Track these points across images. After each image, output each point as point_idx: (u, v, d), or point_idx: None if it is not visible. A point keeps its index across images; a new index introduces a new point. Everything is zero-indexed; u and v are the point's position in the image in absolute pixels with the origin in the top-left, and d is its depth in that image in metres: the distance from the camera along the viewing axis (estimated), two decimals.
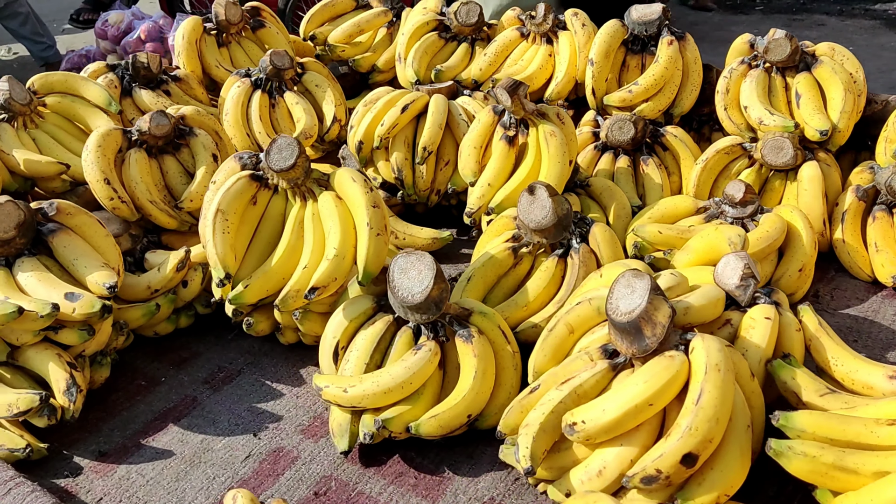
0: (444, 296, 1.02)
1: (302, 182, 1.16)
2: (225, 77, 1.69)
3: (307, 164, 1.15)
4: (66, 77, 1.44)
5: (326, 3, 1.89)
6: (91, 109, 1.44)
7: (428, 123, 1.43)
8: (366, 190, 1.11)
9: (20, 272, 1.09)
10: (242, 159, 1.19)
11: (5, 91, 1.35)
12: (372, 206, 1.10)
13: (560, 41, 1.60)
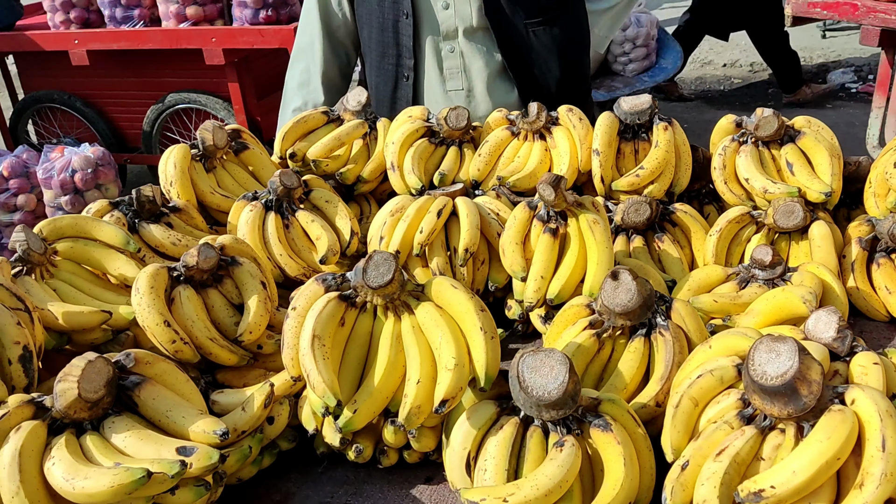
0: (578, 388, 1.04)
1: (397, 296, 1.14)
2: (220, 203, 1.65)
3: (402, 278, 1.14)
4: (76, 220, 1.35)
5: (298, 120, 1.88)
6: (106, 251, 1.35)
7: (466, 225, 1.46)
8: (470, 295, 1.12)
9: (114, 434, 0.99)
10: (326, 281, 1.16)
11: (22, 241, 1.24)
12: (480, 311, 1.11)
13: (555, 136, 1.69)
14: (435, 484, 1.15)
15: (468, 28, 1.91)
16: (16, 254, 1.24)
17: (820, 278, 1.33)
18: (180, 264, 1.25)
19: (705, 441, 1.00)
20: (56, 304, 1.18)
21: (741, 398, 1.02)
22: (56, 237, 1.32)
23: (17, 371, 1.06)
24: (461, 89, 1.96)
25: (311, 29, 2.09)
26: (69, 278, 1.30)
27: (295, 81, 2.15)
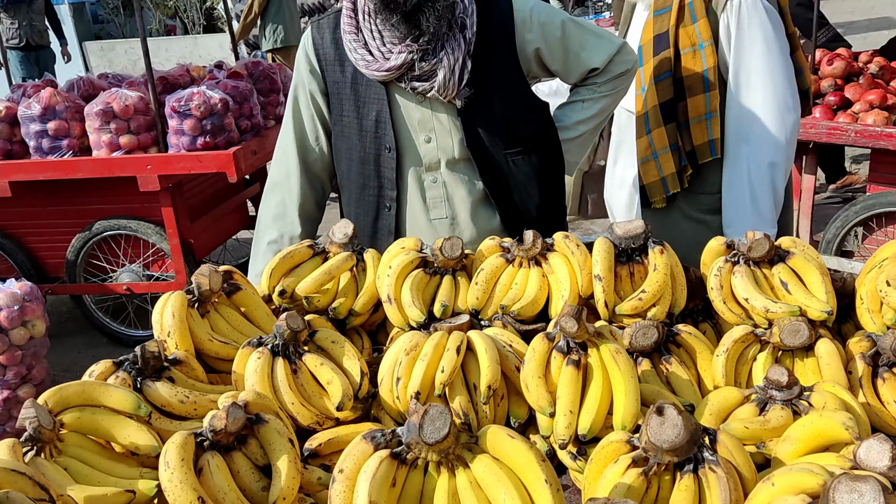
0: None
1: (452, 450, 1.10)
2: (220, 350, 1.57)
3: (457, 431, 1.10)
4: (83, 387, 1.25)
5: (285, 256, 1.84)
6: (115, 418, 1.25)
7: (486, 361, 1.43)
8: (529, 445, 1.09)
9: None
10: (375, 439, 1.11)
11: (33, 419, 1.13)
12: (542, 461, 1.07)
13: (551, 262, 1.72)
14: None
15: (450, 159, 1.95)
16: (26, 432, 1.13)
17: (840, 398, 1.37)
18: (207, 429, 1.17)
19: None
20: (76, 487, 1.07)
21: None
22: (62, 408, 1.21)
23: None
24: (445, 217, 1.98)
25: (287, 163, 2.09)
26: (77, 453, 1.19)
27: (270, 214, 2.12)
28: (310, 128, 2.07)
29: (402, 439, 1.11)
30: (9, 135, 4.47)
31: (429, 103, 1.92)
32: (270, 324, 1.71)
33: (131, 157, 4.27)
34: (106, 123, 4.24)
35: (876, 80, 4.05)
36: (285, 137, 2.09)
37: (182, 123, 4.19)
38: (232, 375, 1.48)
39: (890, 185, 3.94)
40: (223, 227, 5.26)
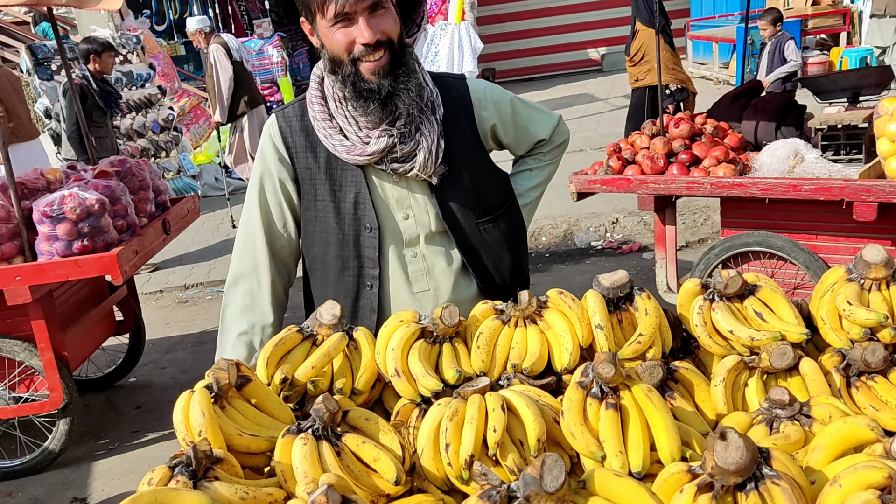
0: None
1: (564, 497, 1.14)
2: (249, 444, 1.51)
3: (567, 477, 1.14)
4: (155, 495, 1.16)
5: (277, 344, 1.80)
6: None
7: (531, 415, 1.48)
8: (637, 482, 1.15)
9: None
10: (492, 497, 1.13)
11: None
12: (653, 494, 1.14)
13: (547, 318, 1.81)
14: None
15: (428, 234, 2.01)
16: None
17: (838, 407, 1.55)
18: None
19: None
20: None
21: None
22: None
23: None
24: (428, 290, 2.03)
25: (255, 253, 2.05)
26: None
27: (237, 306, 2.06)
28: (277, 215, 2.05)
29: (517, 494, 1.13)
30: None
31: (404, 182, 1.99)
32: (284, 413, 1.66)
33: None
34: None
35: (714, 139, 4.60)
36: (250, 227, 2.06)
37: (55, 228, 3.92)
38: (276, 466, 1.42)
39: (740, 228, 4.45)
40: (93, 336, 4.91)
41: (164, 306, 7.75)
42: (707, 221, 8.31)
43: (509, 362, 1.74)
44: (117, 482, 4.19)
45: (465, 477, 1.45)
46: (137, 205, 4.69)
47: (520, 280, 2.14)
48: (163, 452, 4.50)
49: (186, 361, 6.03)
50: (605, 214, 8.96)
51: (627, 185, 4.52)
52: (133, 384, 5.67)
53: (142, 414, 5.11)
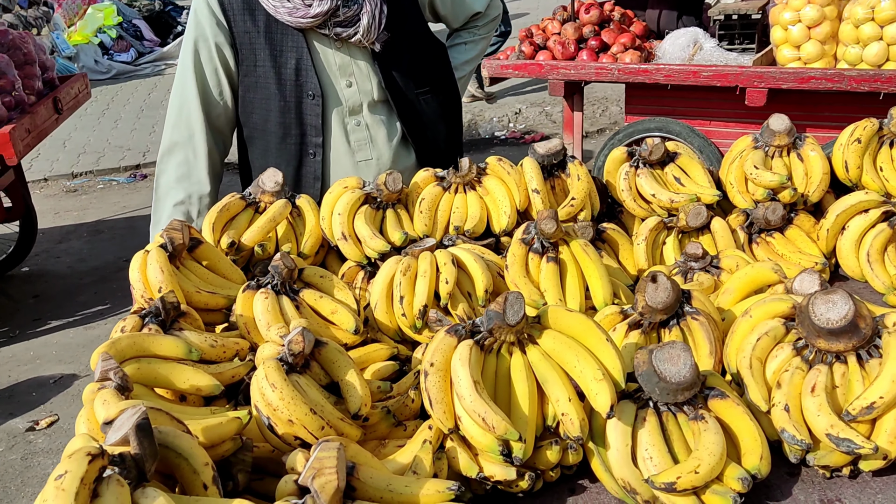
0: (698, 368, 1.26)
1: (524, 330, 1.25)
2: (208, 301, 1.55)
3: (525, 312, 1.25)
4: (134, 339, 1.19)
5: (221, 210, 1.81)
6: (169, 366, 1.22)
7: (479, 269, 1.59)
8: (586, 315, 1.28)
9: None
10: (458, 332, 1.23)
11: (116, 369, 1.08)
12: (599, 326, 1.27)
13: (486, 184, 1.89)
14: (578, 493, 1.27)
15: (370, 102, 2.02)
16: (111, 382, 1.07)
17: (742, 257, 1.73)
18: (286, 353, 1.20)
19: (790, 386, 1.28)
20: (191, 421, 1.06)
21: (794, 347, 1.33)
22: (121, 359, 1.16)
23: (213, 493, 0.96)
24: (370, 158, 2.06)
25: (189, 122, 2.00)
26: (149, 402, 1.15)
27: (172, 175, 2.03)
28: (213, 82, 2.00)
29: (480, 328, 1.24)
30: None
31: (347, 49, 1.97)
32: (236, 274, 1.69)
33: None
34: None
35: (622, 26, 4.71)
36: (184, 94, 2.00)
37: None
38: (238, 319, 1.47)
39: (642, 114, 4.64)
40: None
41: (50, 195, 7.37)
42: (605, 112, 8.55)
43: (451, 225, 1.83)
44: (24, 368, 4.11)
45: (418, 326, 1.55)
46: (24, 81, 4.39)
47: (455, 152, 2.21)
48: (69, 339, 4.43)
49: (83, 250, 5.83)
50: (508, 104, 9.06)
51: (539, 71, 4.59)
52: (27, 273, 5.45)
53: (40, 302, 4.95)
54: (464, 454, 1.21)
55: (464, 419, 1.18)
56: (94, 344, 4.30)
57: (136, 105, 9.92)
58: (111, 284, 5.10)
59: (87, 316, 4.68)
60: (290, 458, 1.02)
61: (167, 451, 0.93)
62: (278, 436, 1.15)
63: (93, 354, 1.17)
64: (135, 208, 6.70)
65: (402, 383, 1.42)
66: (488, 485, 1.21)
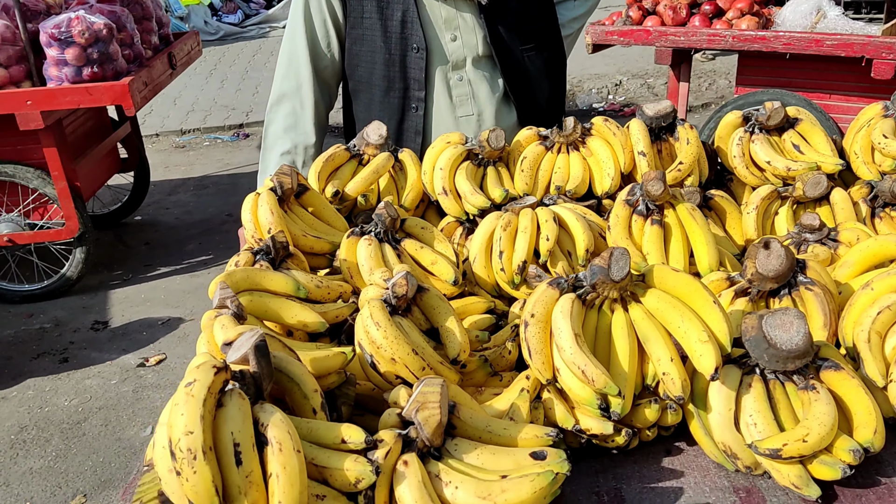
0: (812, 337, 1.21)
1: (627, 287, 1.24)
2: (313, 245, 1.59)
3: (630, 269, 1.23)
4: (248, 273, 1.25)
5: (327, 159, 1.85)
6: (279, 301, 1.26)
7: (580, 228, 1.57)
8: (692, 276, 1.24)
9: (464, 454, 0.97)
10: (560, 285, 1.22)
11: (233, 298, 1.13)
12: (706, 288, 1.24)
13: (590, 145, 1.86)
14: (674, 455, 1.25)
15: (475, 57, 2.02)
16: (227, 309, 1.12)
17: (864, 230, 1.64)
18: (390, 295, 1.22)
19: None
20: (301, 352, 1.10)
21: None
22: (236, 291, 1.21)
23: (321, 418, 0.99)
24: (471, 114, 2.06)
25: (298, 73, 2.05)
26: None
27: (280, 125, 2.09)
28: (322, 34, 2.04)
29: (583, 283, 1.23)
30: None
31: (452, 2, 1.97)
32: (339, 221, 1.73)
33: (7, 92, 3.87)
34: None
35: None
36: (294, 46, 2.04)
37: (64, 52, 3.84)
38: (342, 264, 1.51)
39: (755, 86, 4.44)
40: (101, 171, 4.92)
41: (161, 150, 7.71)
42: (712, 86, 8.25)
43: (553, 184, 1.81)
44: (135, 309, 4.35)
45: (516, 281, 1.55)
46: (142, 35, 4.58)
47: (557, 112, 2.18)
48: (175, 285, 4.65)
49: (189, 203, 6.09)
50: (609, 76, 8.85)
51: (646, 37, 4.46)
52: (139, 222, 5.74)
53: (151, 250, 5.21)
54: (560, 406, 1.21)
55: (562, 371, 1.18)
56: (199, 291, 4.51)
57: (241, 66, 10.21)
58: (214, 237, 5.32)
59: (192, 265, 4.90)
60: (393, 392, 1.04)
61: (280, 374, 0.96)
62: (380, 374, 1.17)
63: (210, 284, 1.23)
64: (237, 165, 6.93)
65: (499, 336, 1.42)
66: (583, 438, 1.20)
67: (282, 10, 12.45)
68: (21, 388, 3.65)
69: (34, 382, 3.69)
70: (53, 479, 3.03)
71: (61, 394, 3.59)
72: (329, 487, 0.89)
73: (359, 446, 0.91)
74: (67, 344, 4.03)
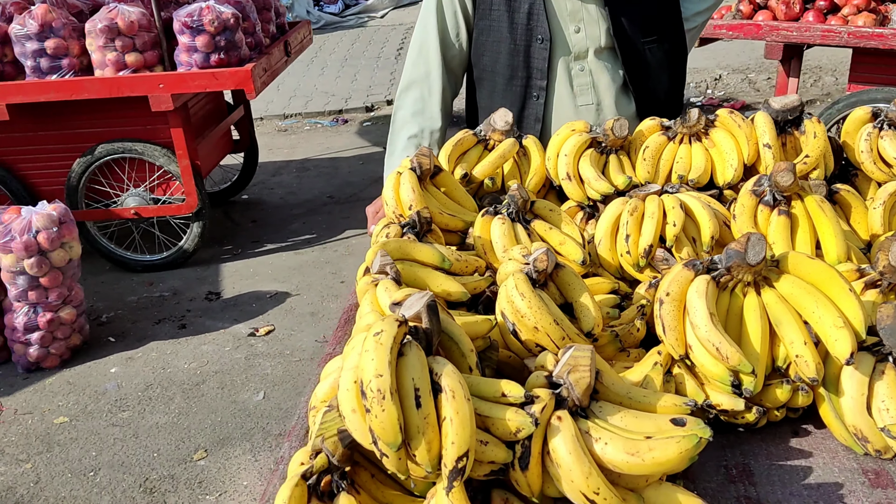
0: None
1: (762, 271, 1.29)
2: (448, 222, 1.69)
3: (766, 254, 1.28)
4: (399, 243, 1.37)
5: (456, 143, 1.96)
6: (426, 271, 1.38)
7: (706, 216, 1.62)
8: (828, 264, 1.29)
9: (608, 416, 1.05)
10: (695, 266, 1.28)
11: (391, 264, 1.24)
12: (842, 276, 1.28)
13: (713, 136, 1.90)
14: (802, 436, 1.29)
15: (597, 48, 2.08)
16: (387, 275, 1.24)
17: None
18: (531, 269, 1.31)
19: None
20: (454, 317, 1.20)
21: None
22: (394, 258, 1.33)
23: (476, 376, 1.09)
24: (591, 104, 2.13)
25: (427, 60, 2.16)
26: None
27: (409, 111, 2.21)
28: (452, 25, 2.15)
29: (718, 266, 1.29)
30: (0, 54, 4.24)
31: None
32: (469, 202, 1.83)
33: (142, 75, 4.15)
34: (111, 41, 4.09)
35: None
36: (426, 35, 2.16)
37: (194, 40, 4.09)
38: (476, 241, 1.61)
39: (868, 84, 4.32)
40: (217, 150, 5.20)
41: (265, 133, 8.02)
42: (817, 83, 7.99)
43: (675, 173, 1.86)
44: (245, 282, 4.60)
45: (640, 264, 1.62)
46: (262, 24, 4.81)
47: (675, 105, 2.21)
48: (281, 261, 4.88)
49: (293, 184, 6.34)
50: (708, 70, 8.68)
51: (756, 32, 4.39)
52: (246, 201, 6.02)
53: (258, 227, 5.47)
54: (690, 381, 1.27)
55: (695, 348, 1.24)
56: (304, 267, 4.73)
57: (340, 55, 10.48)
58: (317, 217, 5.54)
59: (296, 243, 5.12)
60: (540, 357, 1.13)
61: (442, 334, 1.07)
62: (521, 341, 1.27)
63: (368, 253, 1.35)
64: (337, 150, 7.16)
65: (627, 314, 1.49)
66: (711, 414, 1.27)
67: (380, 1, 12.70)
68: (145, 349, 3.93)
69: (156, 345, 3.97)
70: (177, 434, 3.27)
71: (181, 357, 3.85)
72: (490, 435, 0.99)
73: (518, 400, 1.00)
74: (185, 312, 4.30)
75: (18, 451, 3.26)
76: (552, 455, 0.99)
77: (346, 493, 1.03)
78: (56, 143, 4.50)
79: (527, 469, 0.99)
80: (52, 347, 3.72)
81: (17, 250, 3.49)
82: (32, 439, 3.33)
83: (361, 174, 6.26)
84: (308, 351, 3.80)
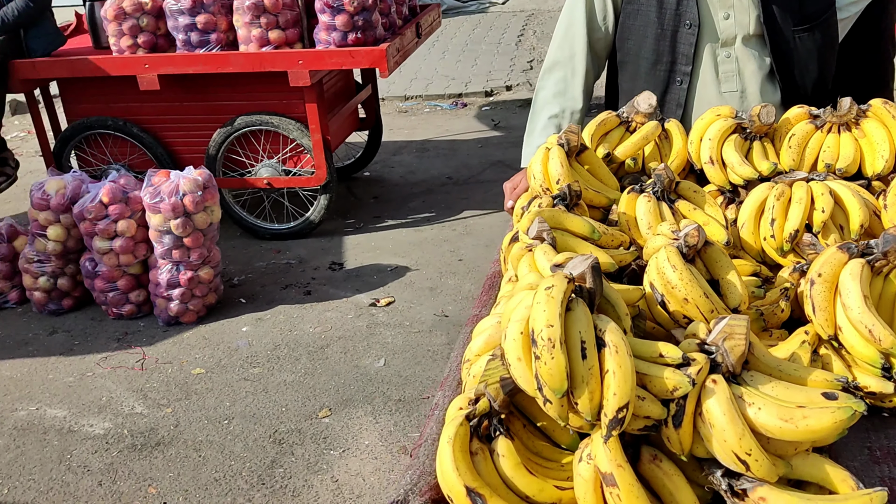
0: None
1: None
2: (592, 198, 1.75)
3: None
4: (553, 213, 1.44)
5: (599, 124, 2.01)
6: (577, 241, 1.45)
7: (856, 203, 1.61)
8: None
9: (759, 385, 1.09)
10: (850, 249, 1.30)
11: (549, 231, 1.32)
12: None
13: (864, 127, 1.87)
14: None
15: (745, 35, 2.08)
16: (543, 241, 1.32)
17: None
18: (682, 244, 1.36)
19: None
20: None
21: None
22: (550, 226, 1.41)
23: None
24: (735, 91, 2.13)
25: (573, 42, 2.22)
26: None
27: (550, 91, 2.27)
28: (599, 7, 2.19)
29: (873, 250, 1.30)
30: (154, 27, 4.56)
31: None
32: (611, 180, 1.88)
33: (283, 52, 4.38)
34: (256, 18, 4.33)
35: None
36: (573, 17, 2.21)
37: (334, 19, 4.27)
38: (620, 217, 1.66)
39: None
40: (345, 127, 5.41)
41: (386, 113, 8.23)
42: None
43: (822, 162, 1.85)
44: (366, 255, 4.79)
45: (785, 249, 1.63)
46: (396, 6, 4.96)
47: (822, 94, 2.18)
48: (401, 237, 5.05)
49: (412, 164, 6.50)
50: None
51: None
52: (368, 178, 6.24)
53: (378, 203, 5.67)
54: (837, 362, 1.29)
55: (844, 329, 1.26)
56: (423, 244, 4.88)
57: (461, 39, 10.59)
58: (436, 196, 5.68)
59: (416, 220, 5.28)
60: (691, 326, 1.18)
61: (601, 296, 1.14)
62: (669, 312, 1.32)
63: (523, 219, 1.43)
64: (456, 132, 7.28)
65: (770, 295, 1.51)
66: (857, 395, 1.28)
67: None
68: (273, 312, 4.18)
69: (283, 309, 4.21)
70: (303, 392, 3.48)
71: (306, 321, 4.07)
72: (647, 392, 1.05)
73: (675, 361, 1.06)
74: (310, 279, 4.53)
75: (160, 397, 3.55)
76: (705, 415, 1.04)
77: (503, 437, 1.12)
78: (200, 114, 4.81)
79: (679, 427, 1.05)
80: (190, 304, 4.01)
81: (164, 211, 3.78)
82: (172, 387, 3.61)
83: (479, 157, 6.36)
84: (427, 323, 3.94)
